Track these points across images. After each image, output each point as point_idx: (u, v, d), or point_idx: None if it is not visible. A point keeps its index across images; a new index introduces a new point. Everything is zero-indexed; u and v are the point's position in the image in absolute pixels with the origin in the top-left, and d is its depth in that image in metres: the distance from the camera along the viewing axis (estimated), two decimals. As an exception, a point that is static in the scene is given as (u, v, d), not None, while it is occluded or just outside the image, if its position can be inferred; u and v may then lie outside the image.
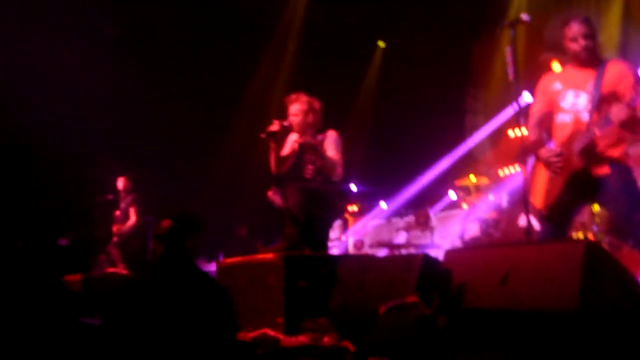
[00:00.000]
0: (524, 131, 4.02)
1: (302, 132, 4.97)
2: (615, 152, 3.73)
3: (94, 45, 8.92)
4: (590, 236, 6.69)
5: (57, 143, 8.67)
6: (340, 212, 5.65)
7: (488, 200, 8.57)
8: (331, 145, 4.95)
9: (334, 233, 9.88)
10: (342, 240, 10.18)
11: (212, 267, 7.02)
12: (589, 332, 2.17)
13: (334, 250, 9.86)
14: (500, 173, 9.80)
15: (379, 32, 11.86)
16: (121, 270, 7.74)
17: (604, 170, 3.71)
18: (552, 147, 3.88)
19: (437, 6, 10.26)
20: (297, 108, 4.98)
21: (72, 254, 8.01)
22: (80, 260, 7.73)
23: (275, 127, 4.78)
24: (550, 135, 4.01)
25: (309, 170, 4.97)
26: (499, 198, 8.34)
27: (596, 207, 7.03)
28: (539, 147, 3.94)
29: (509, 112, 9.67)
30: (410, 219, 9.73)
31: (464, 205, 8.92)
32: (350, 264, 3.73)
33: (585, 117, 3.75)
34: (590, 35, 3.78)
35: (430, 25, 10.47)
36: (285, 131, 4.90)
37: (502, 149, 10.25)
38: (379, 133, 11.50)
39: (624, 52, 8.24)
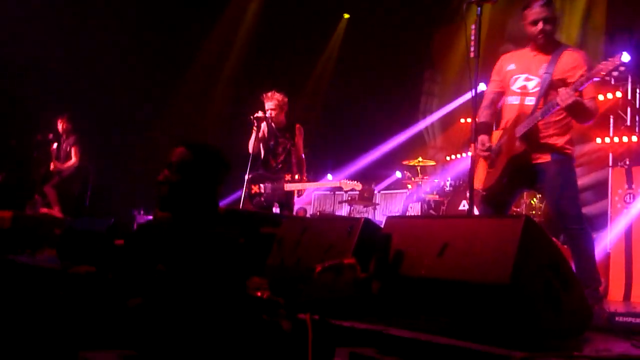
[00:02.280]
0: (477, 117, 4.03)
1: (276, 124, 6.13)
2: (558, 141, 3.75)
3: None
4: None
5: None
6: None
7: (432, 183, 8.70)
8: (301, 143, 6.17)
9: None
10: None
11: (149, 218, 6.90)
12: (519, 307, 2.21)
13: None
14: (447, 158, 9.95)
15: (345, 4, 11.77)
16: (56, 212, 7.51)
17: (544, 158, 3.73)
18: (486, 140, 3.88)
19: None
20: (272, 104, 6.03)
21: (5, 190, 7.72)
22: (13, 198, 7.46)
23: (260, 114, 5.96)
24: (500, 116, 4.03)
25: (280, 159, 6.14)
26: (443, 182, 8.48)
27: (534, 201, 7.25)
28: (484, 131, 3.94)
29: (463, 98, 9.78)
30: (355, 192, 9.78)
31: (409, 185, 9.03)
32: (291, 224, 3.71)
33: (532, 101, 3.75)
34: (550, 19, 3.75)
35: (398, 3, 10.45)
36: (264, 120, 6.05)
37: (452, 135, 10.39)
38: (333, 103, 11.47)
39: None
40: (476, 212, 6.77)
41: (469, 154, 4.10)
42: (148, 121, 9.91)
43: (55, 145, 7.92)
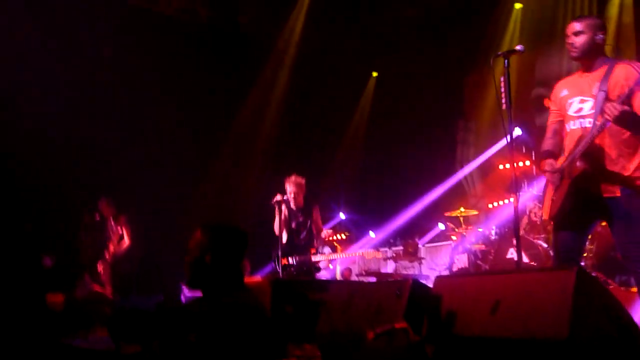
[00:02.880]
0: (515, 164, 3.94)
1: (296, 205, 6.70)
2: (627, 166, 3.51)
3: (83, 59, 8.91)
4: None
5: (43, 160, 8.58)
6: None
7: (477, 232, 8.57)
8: (319, 220, 6.78)
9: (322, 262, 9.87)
10: (330, 267, 10.11)
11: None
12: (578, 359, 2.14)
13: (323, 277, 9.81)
14: (490, 205, 9.83)
15: (374, 62, 11.98)
16: (107, 291, 7.63)
17: (613, 191, 3.51)
18: (553, 162, 3.73)
19: (431, 38, 10.40)
20: (291, 189, 6.62)
21: (56, 273, 7.89)
22: (63, 280, 7.61)
23: (280, 197, 6.39)
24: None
25: (302, 237, 6.70)
26: (488, 230, 8.34)
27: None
28: (547, 158, 3.80)
29: (499, 145, 9.73)
30: (399, 248, 9.70)
31: (453, 237, 8.90)
32: (338, 289, 3.70)
33: (590, 123, 3.58)
34: (581, 32, 3.63)
35: (424, 56, 10.59)
36: (284, 203, 6.49)
37: (491, 181, 10.29)
38: (370, 161, 11.52)
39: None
40: (525, 259, 6.67)
41: (512, 201, 3.98)
42: (191, 192, 10.07)
43: (111, 225, 8.14)
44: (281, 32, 10.85)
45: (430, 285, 3.12)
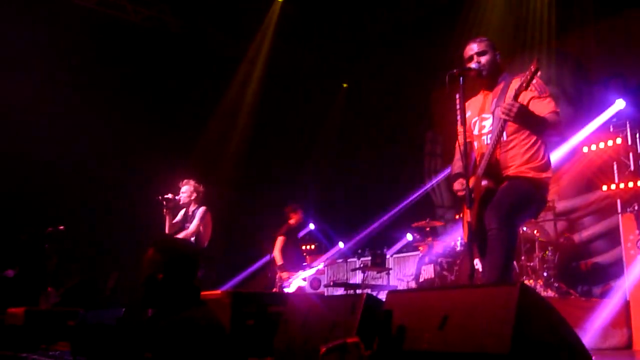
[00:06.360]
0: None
1: (186, 206, 6.63)
2: (518, 170, 3.59)
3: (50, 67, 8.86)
4: (540, 282, 6.82)
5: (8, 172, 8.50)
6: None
7: (443, 243, 8.64)
8: (196, 218, 6.48)
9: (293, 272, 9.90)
10: (300, 278, 10.12)
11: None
12: (521, 376, 2.19)
13: (291, 287, 9.81)
14: (456, 216, 9.93)
15: (343, 74, 12.06)
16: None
17: (503, 185, 3.59)
18: (464, 180, 3.71)
19: (400, 52, 10.52)
20: (185, 189, 6.60)
21: (19, 286, 7.76)
22: (27, 293, 7.50)
23: (169, 195, 6.37)
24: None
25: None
26: (454, 241, 8.42)
27: (546, 253, 7.19)
28: (457, 179, 3.86)
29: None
30: (367, 259, 9.74)
31: (420, 248, 8.97)
32: (296, 303, 3.71)
33: (490, 139, 3.66)
34: (484, 52, 3.74)
35: (394, 69, 10.70)
36: (175, 203, 6.45)
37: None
38: (339, 173, 11.58)
39: (576, 104, 8.55)
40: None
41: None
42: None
43: None
44: (251, 43, 10.86)
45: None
